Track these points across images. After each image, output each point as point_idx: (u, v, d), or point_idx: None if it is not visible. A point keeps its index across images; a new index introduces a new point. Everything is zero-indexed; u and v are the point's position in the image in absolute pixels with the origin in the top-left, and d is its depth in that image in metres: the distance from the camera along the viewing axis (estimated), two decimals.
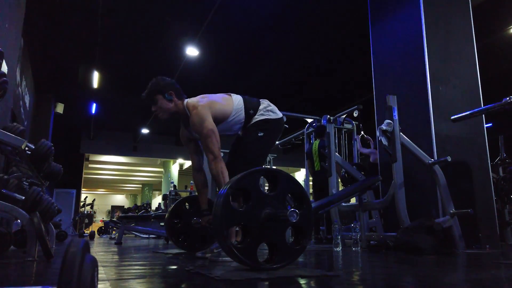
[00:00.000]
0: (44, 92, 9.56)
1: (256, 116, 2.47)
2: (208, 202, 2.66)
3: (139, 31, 7.16)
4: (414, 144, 3.41)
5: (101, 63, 8.24)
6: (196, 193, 2.75)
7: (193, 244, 2.95)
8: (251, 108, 2.47)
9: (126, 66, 8.80)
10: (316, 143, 5.37)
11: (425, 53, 3.82)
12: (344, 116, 5.86)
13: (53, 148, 3.00)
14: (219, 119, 2.39)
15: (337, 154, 4.29)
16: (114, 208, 27.20)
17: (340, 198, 3.56)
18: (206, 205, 2.63)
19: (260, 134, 2.43)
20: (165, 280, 1.54)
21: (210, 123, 2.30)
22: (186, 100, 2.47)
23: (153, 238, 7.47)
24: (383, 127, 3.28)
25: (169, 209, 3.11)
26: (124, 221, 5.53)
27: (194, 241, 2.96)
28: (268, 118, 2.48)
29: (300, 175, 16.86)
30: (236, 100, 2.48)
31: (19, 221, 2.84)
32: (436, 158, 3.46)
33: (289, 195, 1.87)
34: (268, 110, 2.51)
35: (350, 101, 8.52)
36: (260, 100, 2.56)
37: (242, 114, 2.45)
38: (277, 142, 2.71)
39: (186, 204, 3.09)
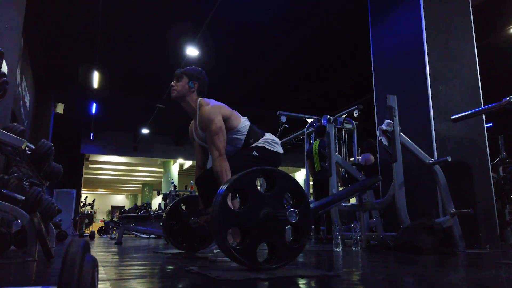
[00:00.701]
0: (44, 92, 9.55)
1: (254, 144, 2.47)
2: None
3: (139, 31, 7.16)
4: (414, 144, 3.41)
5: (101, 63, 8.23)
6: (196, 193, 2.75)
7: (192, 244, 2.95)
8: (252, 138, 2.47)
9: (126, 66, 8.79)
10: (316, 143, 5.38)
11: (425, 53, 3.82)
12: (344, 116, 5.87)
13: (53, 148, 3.00)
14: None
15: (337, 154, 4.28)
16: (114, 208, 27.22)
17: (340, 198, 3.56)
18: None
19: (255, 153, 2.42)
20: (165, 280, 1.54)
21: (219, 121, 2.32)
22: (200, 98, 2.50)
23: (153, 238, 7.47)
24: (383, 127, 3.29)
25: (167, 209, 3.09)
26: (124, 221, 5.53)
27: (193, 241, 2.95)
28: (265, 147, 2.46)
29: (300, 175, 16.87)
30: (243, 123, 2.48)
31: (19, 221, 2.84)
32: (436, 158, 3.46)
33: (287, 194, 1.87)
34: (268, 141, 2.49)
35: (350, 101, 8.51)
36: (266, 133, 2.57)
37: (242, 139, 2.45)
38: (279, 142, 2.68)
39: (183, 204, 3.07)
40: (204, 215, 2.60)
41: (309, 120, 6.42)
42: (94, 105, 10.84)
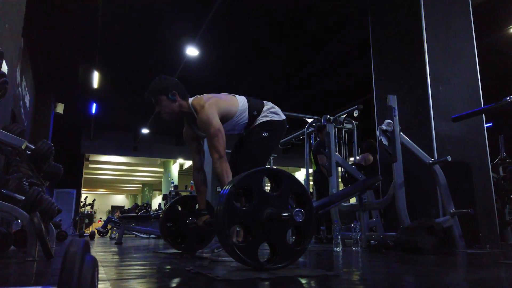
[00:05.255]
0: (44, 92, 9.56)
1: (260, 118, 2.48)
2: (206, 204, 2.66)
3: (139, 31, 7.16)
4: (414, 144, 3.41)
5: (101, 63, 8.24)
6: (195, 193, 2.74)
7: (191, 244, 2.95)
8: (255, 109, 2.48)
9: (126, 66, 8.80)
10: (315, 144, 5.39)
11: (425, 53, 3.82)
12: (344, 116, 5.86)
13: (53, 148, 3.00)
14: (224, 118, 2.39)
15: (337, 153, 4.28)
16: (114, 208, 27.24)
17: (340, 198, 3.55)
18: (204, 205, 2.63)
19: (265, 134, 2.44)
20: (166, 280, 1.53)
21: (217, 123, 2.31)
22: (190, 99, 2.46)
23: (153, 238, 7.47)
24: (383, 127, 3.28)
25: (163, 210, 3.07)
26: (124, 221, 5.53)
27: (192, 241, 2.95)
28: (272, 120, 2.48)
29: (300, 175, 16.86)
30: (241, 101, 2.49)
31: (19, 221, 2.83)
32: (436, 158, 3.46)
33: (291, 196, 1.87)
34: (271, 112, 2.51)
35: (350, 101, 8.52)
36: (264, 102, 2.57)
37: (246, 115, 2.47)
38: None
39: (180, 204, 3.05)
40: (203, 215, 2.59)
41: (309, 120, 6.42)
42: (94, 105, 10.84)
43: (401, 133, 3.34)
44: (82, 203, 13.81)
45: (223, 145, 2.29)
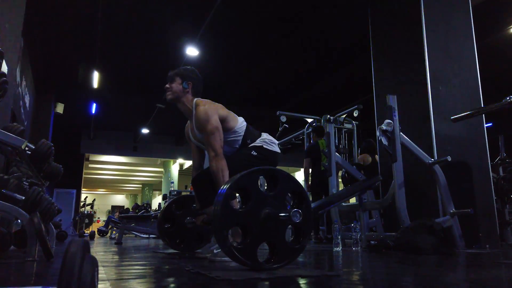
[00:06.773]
0: (44, 92, 9.55)
1: (252, 144, 2.45)
2: None
3: (139, 31, 7.16)
4: (414, 144, 3.41)
5: (101, 63, 8.23)
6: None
7: (190, 243, 2.95)
8: (249, 138, 2.45)
9: (126, 66, 8.79)
10: (323, 142, 5.35)
11: (425, 53, 3.82)
12: (344, 116, 5.87)
13: (53, 148, 3.00)
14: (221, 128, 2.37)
15: (337, 153, 4.28)
16: (114, 208, 27.23)
17: (340, 198, 3.56)
18: None
19: (254, 153, 2.40)
20: (165, 280, 1.54)
21: (215, 121, 2.29)
22: (196, 98, 2.47)
23: (153, 238, 7.48)
24: (383, 127, 3.28)
25: (160, 211, 3.07)
26: (124, 221, 5.53)
27: (190, 240, 2.95)
28: (264, 146, 2.44)
29: (300, 175, 16.86)
30: (241, 124, 2.46)
31: (19, 221, 2.83)
32: (436, 158, 3.46)
33: (288, 194, 1.87)
34: (265, 141, 2.47)
35: (350, 101, 8.51)
36: (262, 133, 2.55)
37: (239, 140, 2.43)
38: (277, 142, 2.66)
39: (177, 205, 3.04)
40: (200, 215, 2.59)
41: (309, 120, 6.42)
42: (94, 105, 10.83)
43: (401, 133, 3.34)
44: (82, 203, 13.81)
45: (220, 143, 2.28)
